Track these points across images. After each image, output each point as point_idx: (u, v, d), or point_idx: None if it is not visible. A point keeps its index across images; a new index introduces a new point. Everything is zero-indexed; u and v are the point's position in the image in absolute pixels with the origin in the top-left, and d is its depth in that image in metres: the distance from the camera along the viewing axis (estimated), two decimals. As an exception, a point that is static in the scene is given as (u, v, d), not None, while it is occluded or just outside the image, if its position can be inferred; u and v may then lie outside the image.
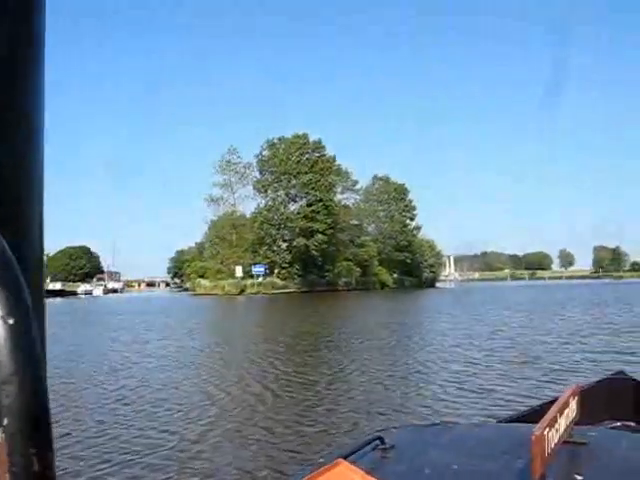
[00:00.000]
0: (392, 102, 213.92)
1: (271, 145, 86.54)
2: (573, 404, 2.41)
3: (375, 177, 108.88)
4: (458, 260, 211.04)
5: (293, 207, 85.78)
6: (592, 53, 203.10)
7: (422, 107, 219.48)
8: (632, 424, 3.82)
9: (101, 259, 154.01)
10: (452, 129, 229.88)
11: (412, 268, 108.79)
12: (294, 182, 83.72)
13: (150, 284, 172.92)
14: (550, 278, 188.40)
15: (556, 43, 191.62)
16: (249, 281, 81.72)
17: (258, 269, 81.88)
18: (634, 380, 4.70)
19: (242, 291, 79.85)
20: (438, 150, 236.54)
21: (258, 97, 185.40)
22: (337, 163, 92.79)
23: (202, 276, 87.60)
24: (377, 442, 2.45)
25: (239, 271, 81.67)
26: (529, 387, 12.10)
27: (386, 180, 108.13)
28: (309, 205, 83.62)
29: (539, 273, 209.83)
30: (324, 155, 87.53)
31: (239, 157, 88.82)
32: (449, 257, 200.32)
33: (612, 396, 4.37)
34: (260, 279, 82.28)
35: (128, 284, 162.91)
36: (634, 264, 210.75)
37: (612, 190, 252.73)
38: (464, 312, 36.58)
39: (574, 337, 20.97)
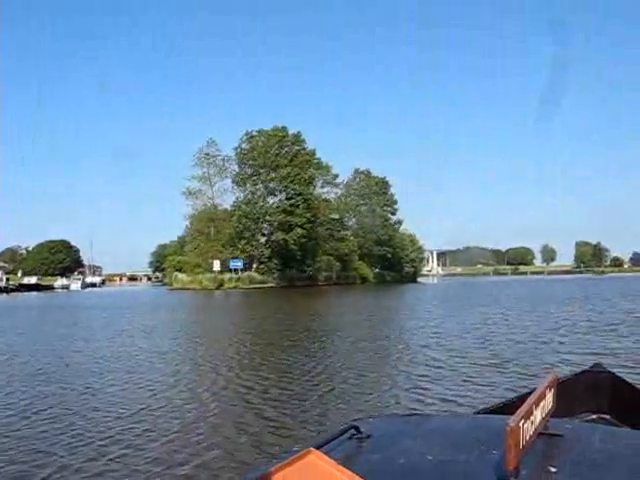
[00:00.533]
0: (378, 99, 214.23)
1: (250, 138, 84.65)
2: (549, 396, 2.36)
3: (356, 171, 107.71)
4: (441, 255, 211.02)
5: (272, 201, 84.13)
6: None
7: (404, 100, 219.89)
8: (608, 417, 3.90)
9: (81, 253, 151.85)
10: (437, 126, 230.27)
11: (393, 263, 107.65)
12: (273, 175, 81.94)
13: (132, 278, 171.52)
14: (532, 273, 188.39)
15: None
16: (227, 275, 79.96)
17: (236, 263, 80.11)
18: (611, 373, 4.49)
19: (220, 285, 78.21)
20: (422, 146, 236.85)
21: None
22: (317, 157, 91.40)
23: (180, 270, 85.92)
24: (352, 431, 2.39)
25: (217, 265, 79.90)
26: (490, 391, 10.91)
27: (367, 174, 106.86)
28: (288, 199, 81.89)
29: (521, 268, 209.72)
30: (304, 148, 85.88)
31: (218, 150, 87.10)
32: (432, 252, 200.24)
33: (589, 389, 4.24)
34: (238, 274, 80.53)
35: (110, 278, 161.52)
36: (615, 259, 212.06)
37: (595, 186, 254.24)
38: (440, 308, 35.35)
39: (547, 335, 19.77)
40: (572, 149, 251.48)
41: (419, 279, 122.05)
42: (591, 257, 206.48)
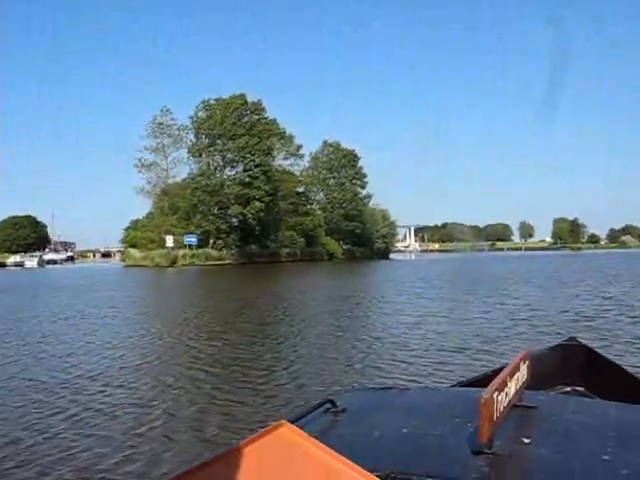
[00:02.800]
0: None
1: (207, 106, 78.04)
2: (524, 368, 2.40)
3: (325, 143, 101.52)
4: (419, 231, 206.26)
5: (230, 173, 77.94)
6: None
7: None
8: (582, 389, 3.91)
9: (50, 230, 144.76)
10: (412, 100, 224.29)
11: (363, 238, 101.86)
12: (230, 145, 75.58)
13: (105, 254, 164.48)
14: (509, 249, 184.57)
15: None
16: (181, 252, 73.96)
17: (190, 239, 74.05)
18: (585, 346, 4.30)
19: (173, 262, 72.34)
20: (401, 122, 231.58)
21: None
22: (281, 127, 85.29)
23: (134, 246, 79.96)
24: (328, 405, 2.38)
25: (170, 241, 73.85)
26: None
27: (336, 146, 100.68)
28: (246, 170, 75.79)
29: (499, 244, 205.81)
30: (264, 117, 79.62)
31: (173, 119, 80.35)
32: (409, 228, 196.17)
33: (564, 362, 4.06)
34: (193, 250, 74.55)
35: (82, 254, 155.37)
36: (592, 236, 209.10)
37: (573, 163, 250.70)
38: (399, 290, 30.43)
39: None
40: (553, 128, 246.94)
41: (392, 255, 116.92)
42: (568, 234, 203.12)
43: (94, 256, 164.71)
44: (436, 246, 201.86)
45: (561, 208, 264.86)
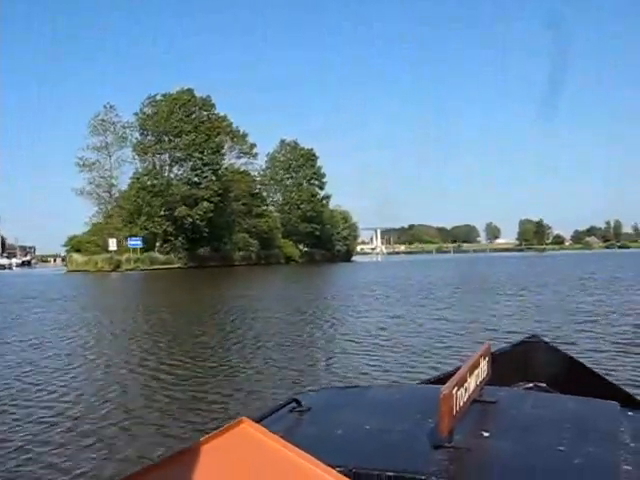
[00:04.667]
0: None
1: (153, 102, 73.14)
2: (483, 364, 2.41)
3: (282, 142, 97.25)
4: (385, 233, 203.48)
5: (178, 172, 73.12)
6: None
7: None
8: (544, 385, 3.86)
9: (9, 233, 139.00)
10: (379, 100, 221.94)
11: (323, 240, 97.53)
12: (177, 143, 70.76)
13: (65, 259, 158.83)
14: (475, 251, 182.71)
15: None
16: (125, 256, 68.92)
17: (134, 242, 68.73)
18: (546, 343, 4.24)
19: (117, 267, 67.47)
20: (366, 123, 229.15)
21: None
22: (234, 125, 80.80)
23: (78, 250, 74.66)
24: (293, 405, 2.41)
25: (113, 244, 68.69)
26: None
27: (294, 146, 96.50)
28: (193, 169, 71.10)
29: (465, 246, 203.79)
30: (214, 114, 74.96)
31: (118, 116, 75.08)
32: (376, 230, 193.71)
33: (525, 358, 3.99)
34: (137, 254, 69.49)
35: (43, 259, 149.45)
36: (557, 237, 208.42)
37: (541, 165, 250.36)
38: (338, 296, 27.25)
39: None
40: (520, 126, 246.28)
41: (357, 258, 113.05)
42: (534, 235, 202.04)
43: (55, 261, 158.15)
44: (402, 248, 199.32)
45: (528, 209, 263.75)
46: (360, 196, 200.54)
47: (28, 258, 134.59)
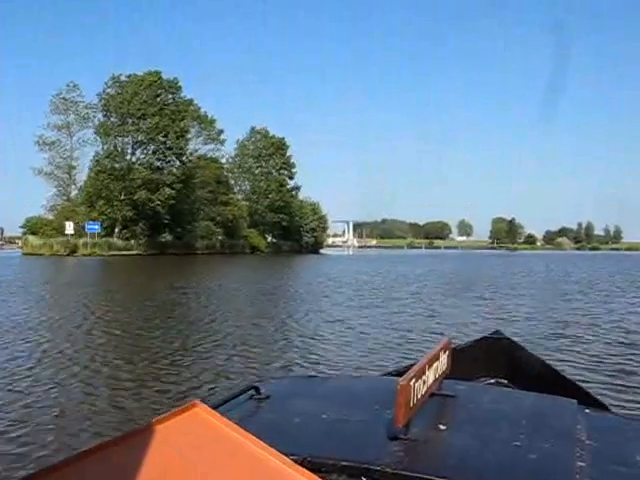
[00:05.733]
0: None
1: (117, 82, 70.30)
2: (443, 358, 2.40)
3: (253, 129, 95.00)
4: (357, 227, 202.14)
5: (141, 156, 70.43)
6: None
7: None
8: (505, 381, 3.88)
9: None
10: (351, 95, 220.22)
11: (291, 231, 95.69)
12: (140, 125, 68.15)
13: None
14: (446, 247, 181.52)
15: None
16: (82, 240, 66.30)
17: (92, 227, 66.09)
18: (509, 339, 4.29)
19: (73, 251, 64.87)
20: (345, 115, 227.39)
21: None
22: (202, 110, 78.40)
23: (36, 233, 71.83)
24: (252, 392, 2.39)
25: (69, 228, 65.96)
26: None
27: (264, 133, 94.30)
28: (155, 153, 68.57)
29: (436, 242, 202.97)
30: (180, 97, 72.45)
31: (81, 95, 71.86)
32: (348, 223, 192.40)
33: (488, 354, 4.04)
34: (95, 238, 66.87)
35: (10, 240, 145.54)
36: (529, 236, 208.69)
37: (512, 163, 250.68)
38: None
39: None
40: (495, 126, 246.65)
41: (326, 250, 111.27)
42: (506, 234, 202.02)
43: (19, 243, 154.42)
44: (373, 242, 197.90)
45: (501, 208, 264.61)
46: (335, 188, 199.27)
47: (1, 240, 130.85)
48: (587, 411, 2.37)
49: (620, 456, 1.92)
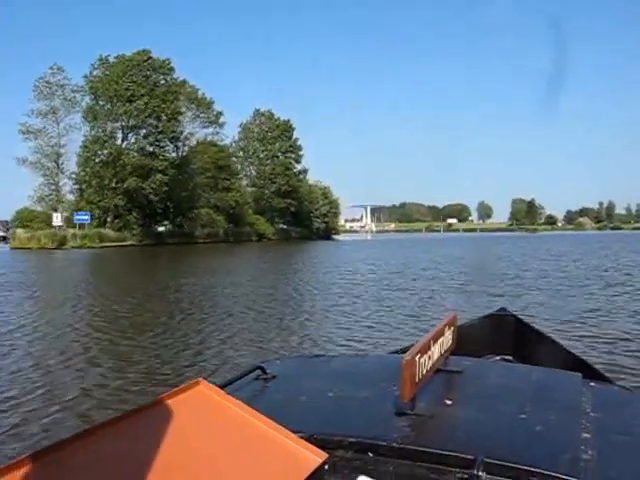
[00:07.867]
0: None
1: (104, 63, 64.43)
2: (448, 334, 2.35)
3: (257, 112, 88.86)
4: (375, 211, 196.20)
5: (132, 140, 64.65)
6: None
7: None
8: (511, 357, 3.84)
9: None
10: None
11: (301, 217, 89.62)
12: (129, 108, 62.33)
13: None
14: (465, 230, 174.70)
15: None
16: (71, 231, 60.91)
17: (81, 217, 60.56)
18: (515, 316, 4.28)
19: (62, 244, 59.49)
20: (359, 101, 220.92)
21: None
22: (198, 90, 72.54)
23: (25, 226, 66.57)
24: (258, 372, 2.38)
25: (57, 219, 60.64)
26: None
27: (269, 116, 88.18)
28: (146, 137, 62.85)
29: (455, 225, 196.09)
30: (172, 77, 66.38)
31: (66, 78, 65.11)
32: (366, 207, 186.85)
33: (494, 331, 4.07)
34: (85, 229, 61.40)
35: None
36: (549, 217, 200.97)
37: (536, 145, 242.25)
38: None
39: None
40: (511, 104, 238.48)
41: (342, 236, 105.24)
42: (526, 215, 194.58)
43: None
44: (392, 226, 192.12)
45: (521, 189, 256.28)
46: (352, 174, 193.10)
47: (4, 234, 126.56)
48: (592, 384, 2.31)
49: (624, 427, 1.91)
